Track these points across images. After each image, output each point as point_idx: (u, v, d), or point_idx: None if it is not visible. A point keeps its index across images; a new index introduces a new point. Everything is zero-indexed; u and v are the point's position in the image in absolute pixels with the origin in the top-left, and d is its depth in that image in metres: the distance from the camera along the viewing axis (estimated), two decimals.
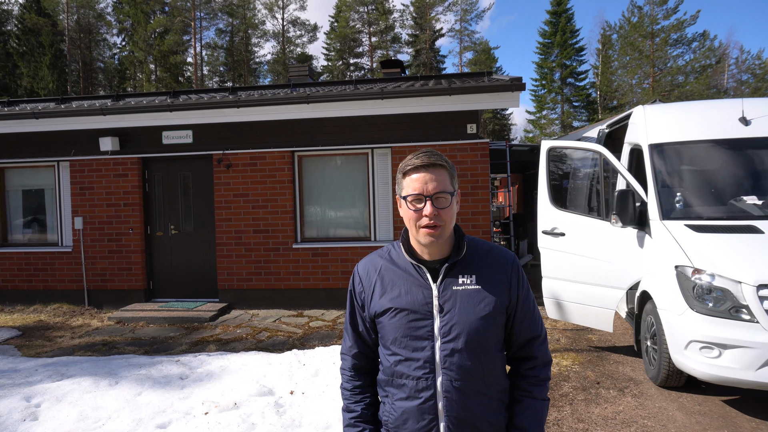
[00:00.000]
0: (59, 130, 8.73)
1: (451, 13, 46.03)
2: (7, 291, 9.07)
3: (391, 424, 1.56)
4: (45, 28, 35.51)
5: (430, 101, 7.85)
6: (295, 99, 7.98)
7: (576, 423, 4.07)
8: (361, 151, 8.38)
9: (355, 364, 1.68)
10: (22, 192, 9.38)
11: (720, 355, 3.97)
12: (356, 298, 1.66)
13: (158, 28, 39.61)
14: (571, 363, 5.43)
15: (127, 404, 4.40)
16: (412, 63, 43.07)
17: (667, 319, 4.41)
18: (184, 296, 8.82)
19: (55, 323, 7.86)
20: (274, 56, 45.64)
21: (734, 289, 3.99)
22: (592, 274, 5.40)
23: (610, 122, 6.89)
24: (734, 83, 39.09)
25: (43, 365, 5.53)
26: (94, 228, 8.77)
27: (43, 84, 34.42)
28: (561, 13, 41.09)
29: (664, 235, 4.61)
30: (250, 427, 3.91)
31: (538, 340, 1.62)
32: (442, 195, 1.48)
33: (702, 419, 4.06)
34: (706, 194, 4.98)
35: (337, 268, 8.26)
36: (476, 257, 1.57)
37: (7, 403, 4.36)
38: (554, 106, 42.76)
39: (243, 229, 8.43)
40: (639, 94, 37.25)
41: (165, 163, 8.78)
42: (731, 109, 5.25)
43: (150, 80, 39.93)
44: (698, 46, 36.70)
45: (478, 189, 7.94)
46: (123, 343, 6.73)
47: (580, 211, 5.90)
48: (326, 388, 4.65)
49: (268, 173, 8.37)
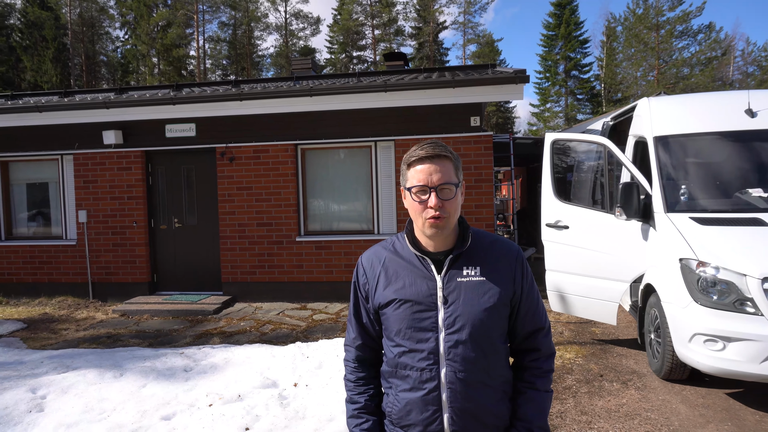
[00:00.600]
0: (63, 123, 8.76)
1: (454, 5, 45.79)
2: (12, 284, 9.13)
3: (394, 415, 1.56)
4: (48, 21, 35.52)
5: (433, 94, 7.82)
6: (298, 92, 7.97)
7: (579, 415, 4.08)
8: (365, 144, 8.36)
9: (358, 355, 1.68)
10: (26, 185, 9.41)
11: (724, 348, 3.96)
12: (360, 290, 1.66)
13: (161, 22, 39.54)
14: (574, 356, 5.43)
15: (131, 396, 4.42)
16: (415, 56, 42.90)
17: (671, 312, 4.40)
18: (188, 289, 8.85)
19: (60, 316, 7.91)
20: (276, 49, 45.53)
21: (739, 281, 3.97)
22: (596, 267, 5.39)
23: (614, 115, 6.85)
24: (740, 75, 38.85)
25: (49, 357, 5.57)
26: (98, 221, 8.80)
27: (46, 77, 34.48)
28: (565, 4, 40.84)
29: (669, 227, 4.59)
30: (254, 419, 3.93)
31: (542, 332, 1.62)
32: (447, 186, 1.48)
33: (705, 412, 4.06)
34: (711, 187, 4.95)
35: (340, 261, 8.27)
36: (480, 249, 1.57)
37: (14, 395, 4.39)
38: (558, 99, 42.61)
39: (246, 223, 8.44)
40: (644, 87, 37.00)
41: (168, 156, 8.79)
42: (737, 101, 5.21)
43: (153, 74, 39.88)
44: (704, 38, 36.44)
45: (481, 182, 7.92)
46: (127, 336, 6.76)
47: (584, 203, 5.89)
48: (330, 381, 4.67)
49: (272, 166, 8.37)
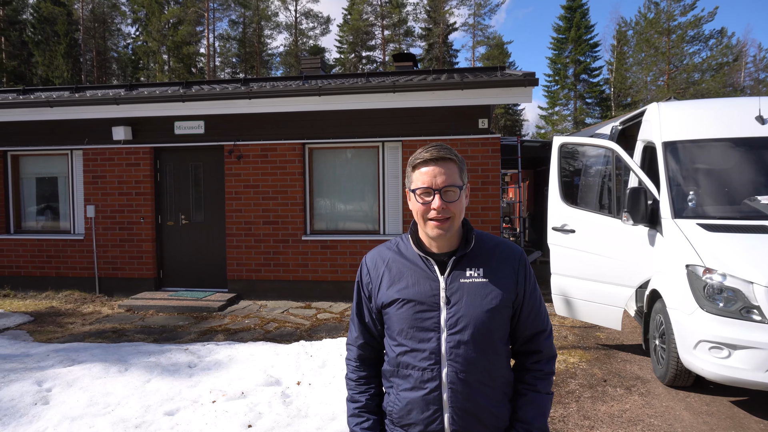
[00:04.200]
0: (73, 118, 8.83)
1: (464, 7, 45.69)
2: (20, 277, 9.20)
3: (395, 414, 1.57)
4: (60, 17, 35.82)
5: (441, 95, 7.82)
6: (307, 91, 7.98)
7: (582, 420, 4.06)
8: (372, 145, 8.37)
9: (360, 354, 1.69)
10: (35, 179, 9.49)
11: (730, 355, 3.94)
12: (363, 289, 1.67)
13: (172, 19, 39.75)
14: (578, 360, 5.41)
15: (136, 391, 4.45)
16: (424, 57, 42.86)
17: (676, 318, 4.37)
18: (193, 286, 8.90)
19: (67, 310, 7.97)
20: (286, 48, 45.63)
21: (746, 289, 3.94)
22: (601, 271, 5.37)
23: (623, 119, 6.82)
24: (751, 81, 38.53)
25: (55, 351, 5.61)
26: (106, 216, 8.86)
27: (57, 73, 34.77)
28: (576, 8, 40.69)
29: (676, 233, 4.57)
30: (256, 417, 3.95)
31: (544, 335, 1.62)
32: (451, 189, 1.49)
33: (709, 419, 4.04)
34: (720, 193, 4.92)
35: (345, 260, 8.28)
36: (484, 251, 1.58)
37: (20, 387, 4.44)
38: (567, 103, 42.43)
39: (253, 220, 8.47)
40: (654, 92, 36.76)
41: (177, 153, 8.83)
42: (748, 108, 5.17)
43: (163, 70, 40.12)
44: (715, 44, 36.13)
45: (488, 184, 7.91)
46: (133, 331, 6.81)
47: (591, 208, 5.87)
48: (333, 380, 4.68)
49: (279, 165, 8.39)
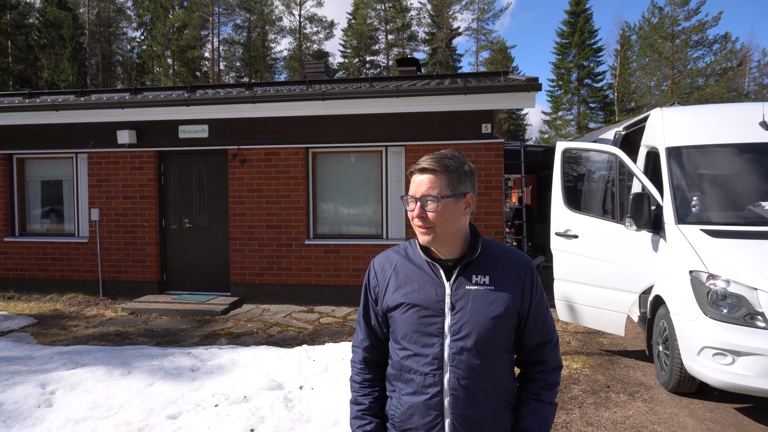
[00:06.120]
0: (78, 122, 8.87)
1: (468, 11, 46.08)
2: (24, 279, 9.24)
3: (397, 418, 1.58)
4: (66, 21, 36.03)
5: (445, 100, 7.83)
6: (311, 96, 8.01)
7: (585, 426, 4.05)
8: (375, 149, 8.39)
9: (365, 357, 1.70)
10: (40, 182, 9.53)
11: (733, 362, 3.93)
12: (370, 292, 1.69)
13: (177, 23, 40.02)
14: (581, 366, 5.40)
15: (138, 394, 4.46)
16: (428, 61, 42.95)
17: (680, 324, 4.36)
18: (196, 289, 8.91)
19: (70, 312, 7.99)
20: (290, 52, 45.83)
21: (750, 295, 3.93)
22: (604, 277, 5.36)
23: (626, 124, 6.82)
24: (755, 86, 38.56)
25: (58, 353, 5.63)
26: (110, 220, 8.89)
27: (63, 76, 34.94)
28: (579, 13, 40.70)
29: (679, 239, 4.56)
30: (259, 421, 3.95)
31: (550, 345, 1.62)
32: (429, 198, 1.52)
33: (713, 426, 4.02)
34: (723, 199, 4.91)
35: (348, 265, 8.28)
36: (491, 258, 1.59)
37: (23, 390, 4.45)
38: (570, 107, 42.36)
39: (256, 224, 8.49)
40: (657, 97, 36.76)
41: (181, 157, 8.87)
42: (752, 113, 5.17)
43: (168, 74, 40.33)
44: (719, 49, 36.08)
45: (491, 189, 7.91)
46: (136, 334, 6.82)
47: (594, 213, 5.86)
48: (335, 384, 4.67)
49: (282, 169, 8.42)
